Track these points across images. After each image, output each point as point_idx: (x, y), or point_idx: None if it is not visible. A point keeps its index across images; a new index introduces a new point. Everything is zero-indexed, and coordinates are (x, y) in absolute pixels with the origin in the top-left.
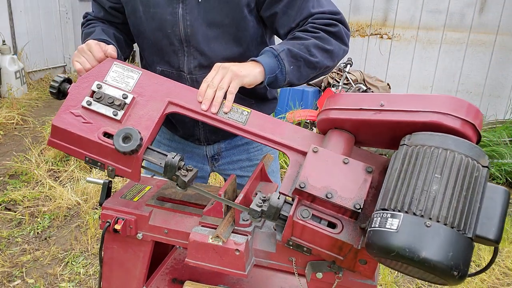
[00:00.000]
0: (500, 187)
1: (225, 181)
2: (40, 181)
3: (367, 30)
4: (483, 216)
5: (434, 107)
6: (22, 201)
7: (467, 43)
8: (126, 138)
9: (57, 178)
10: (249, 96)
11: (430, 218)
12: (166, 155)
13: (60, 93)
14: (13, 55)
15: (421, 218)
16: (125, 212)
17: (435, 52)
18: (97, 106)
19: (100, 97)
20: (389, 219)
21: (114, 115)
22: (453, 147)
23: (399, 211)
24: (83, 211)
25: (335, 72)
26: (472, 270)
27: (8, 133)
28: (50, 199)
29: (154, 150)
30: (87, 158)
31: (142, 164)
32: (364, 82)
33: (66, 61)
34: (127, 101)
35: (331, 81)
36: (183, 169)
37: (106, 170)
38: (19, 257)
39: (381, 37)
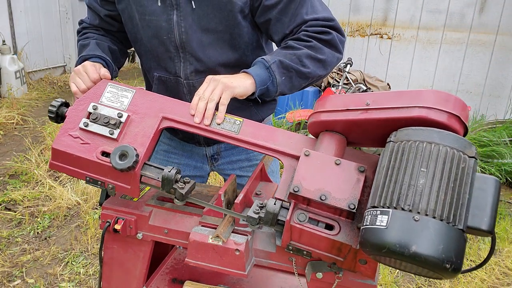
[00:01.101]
0: (490, 177)
1: (224, 181)
2: (40, 181)
3: (367, 30)
4: (474, 207)
5: (419, 102)
6: (22, 201)
7: (467, 43)
8: (123, 156)
9: (57, 178)
10: (246, 99)
11: (419, 212)
12: (163, 169)
13: (58, 117)
14: (13, 55)
15: (410, 213)
16: (125, 212)
17: (435, 52)
18: (93, 127)
19: (96, 117)
20: (378, 216)
21: (111, 134)
22: (438, 140)
23: (388, 207)
24: (83, 211)
25: (335, 72)
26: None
27: (8, 133)
28: (50, 199)
29: (151, 165)
30: (87, 178)
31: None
32: (364, 82)
33: (66, 61)
34: (122, 119)
35: (331, 81)
36: (180, 182)
37: (106, 189)
38: (19, 257)
39: (381, 37)
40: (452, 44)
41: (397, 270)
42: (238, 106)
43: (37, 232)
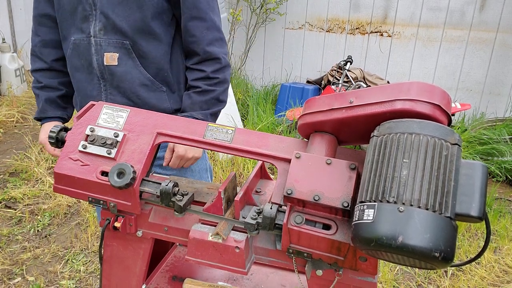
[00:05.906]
0: (476, 162)
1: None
2: (40, 178)
3: (367, 28)
4: (462, 194)
5: (401, 95)
6: (22, 199)
7: (467, 41)
8: (121, 174)
9: None
10: (164, 84)
11: (403, 203)
12: (160, 183)
13: (59, 142)
14: (13, 53)
15: (394, 204)
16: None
17: (435, 50)
18: (92, 148)
19: (94, 139)
20: (365, 210)
21: (108, 153)
22: (418, 130)
23: (374, 201)
24: (83, 209)
25: (335, 70)
26: (473, 267)
27: (8, 131)
28: (50, 197)
29: (149, 181)
30: (90, 198)
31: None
32: (364, 80)
33: None
34: (119, 139)
35: (331, 79)
36: (179, 194)
37: (108, 207)
38: (19, 255)
39: (381, 35)
40: (452, 42)
41: (397, 268)
42: (149, 86)
43: (37, 230)
